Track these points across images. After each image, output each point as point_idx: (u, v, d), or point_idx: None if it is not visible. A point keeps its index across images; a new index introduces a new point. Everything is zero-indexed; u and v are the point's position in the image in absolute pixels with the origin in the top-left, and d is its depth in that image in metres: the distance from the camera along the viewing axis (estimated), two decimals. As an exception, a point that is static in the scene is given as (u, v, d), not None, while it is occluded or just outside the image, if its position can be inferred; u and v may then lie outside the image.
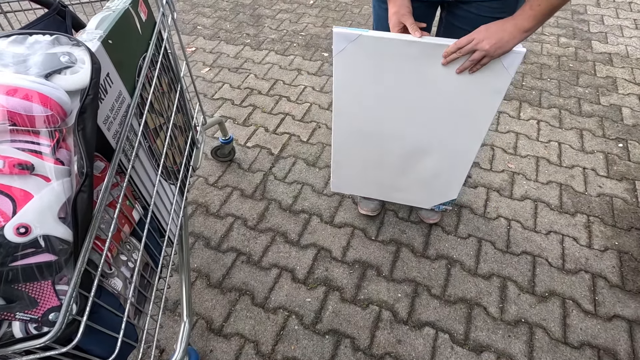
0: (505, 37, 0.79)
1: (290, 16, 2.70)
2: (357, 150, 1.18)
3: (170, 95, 0.95)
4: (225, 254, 1.41)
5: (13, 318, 0.43)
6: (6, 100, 0.43)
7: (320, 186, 1.62)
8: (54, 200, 0.46)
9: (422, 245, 1.41)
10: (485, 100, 0.95)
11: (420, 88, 0.96)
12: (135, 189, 0.71)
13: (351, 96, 1.02)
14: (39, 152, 0.46)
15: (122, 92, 0.68)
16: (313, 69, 2.24)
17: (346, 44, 0.91)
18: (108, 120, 0.62)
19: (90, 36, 0.63)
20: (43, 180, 0.46)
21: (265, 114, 1.96)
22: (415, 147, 1.12)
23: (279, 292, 1.29)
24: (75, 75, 0.50)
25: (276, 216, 1.52)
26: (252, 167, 1.71)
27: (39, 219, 0.44)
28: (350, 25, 2.58)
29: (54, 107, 0.47)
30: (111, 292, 0.58)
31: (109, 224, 0.59)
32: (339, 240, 1.43)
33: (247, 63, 2.30)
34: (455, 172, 1.16)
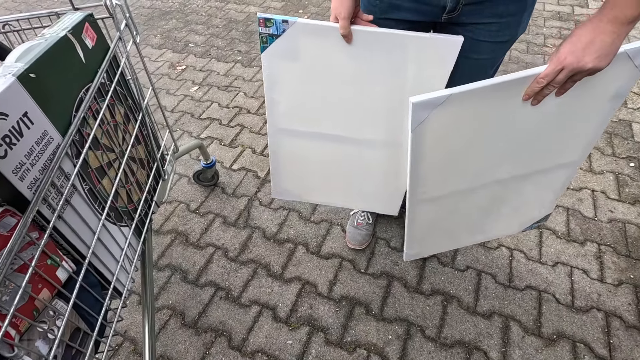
0: (607, 40, 0.60)
1: (283, 32, 2.64)
2: (296, 152, 1.03)
3: (128, 126, 0.86)
4: (202, 288, 1.30)
5: None
6: None
7: (308, 212, 1.52)
8: None
9: (415, 278, 1.29)
10: (598, 108, 0.76)
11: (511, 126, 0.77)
12: (64, 242, 0.61)
13: (286, 94, 0.89)
14: None
15: (49, 131, 0.59)
16: (304, 86, 2.16)
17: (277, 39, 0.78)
18: (22, 168, 0.53)
19: (5, 71, 0.54)
20: None
21: (253, 134, 1.88)
22: (504, 179, 0.91)
23: (258, 333, 1.18)
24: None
25: (259, 246, 1.42)
26: (237, 191, 1.62)
27: None
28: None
29: None
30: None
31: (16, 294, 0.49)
32: (325, 273, 1.32)
33: (237, 81, 2.23)
34: (551, 189, 0.98)
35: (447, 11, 0.82)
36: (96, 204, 0.70)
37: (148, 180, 0.94)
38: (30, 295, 0.52)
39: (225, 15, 2.89)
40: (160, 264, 1.38)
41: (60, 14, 0.88)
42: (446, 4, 0.80)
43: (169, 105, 2.09)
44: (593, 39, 0.61)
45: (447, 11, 0.82)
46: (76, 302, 0.60)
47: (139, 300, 1.29)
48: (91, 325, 0.64)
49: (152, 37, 2.70)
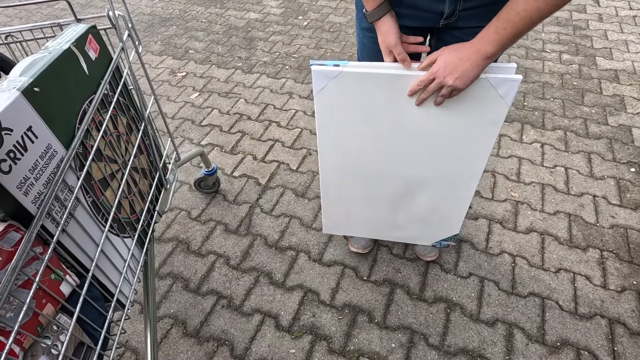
0: (468, 67, 0.72)
1: (283, 38, 2.65)
2: (347, 190, 1.09)
3: (130, 136, 0.86)
4: (204, 297, 1.30)
5: None
6: None
7: (309, 219, 1.51)
8: None
9: (418, 285, 1.29)
10: (481, 132, 0.86)
11: (410, 122, 0.86)
12: (68, 256, 0.61)
13: (336, 135, 0.94)
14: None
15: (53, 144, 0.59)
16: (305, 92, 2.16)
17: (327, 81, 0.82)
18: (26, 183, 0.53)
19: (10, 85, 0.54)
20: None
21: (254, 141, 1.88)
22: (409, 183, 1.02)
23: (260, 342, 1.18)
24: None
25: (261, 254, 1.41)
26: (238, 198, 1.61)
27: None
28: (344, 47, 2.52)
29: None
30: (18, 395, 0.48)
31: (20, 310, 0.49)
32: (327, 281, 1.32)
33: (238, 87, 2.24)
34: (455, 206, 1.06)
35: (444, 17, 0.83)
36: (99, 216, 0.70)
37: (150, 190, 0.94)
38: (35, 311, 0.52)
39: (225, 22, 2.90)
40: (162, 273, 1.38)
41: (63, 25, 0.88)
42: (444, 10, 0.82)
43: (170, 112, 2.09)
44: (458, 63, 0.72)
45: (444, 17, 0.83)
46: (80, 316, 0.60)
47: (140, 310, 1.28)
48: (94, 338, 0.63)
49: (152, 43, 2.70)
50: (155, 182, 0.97)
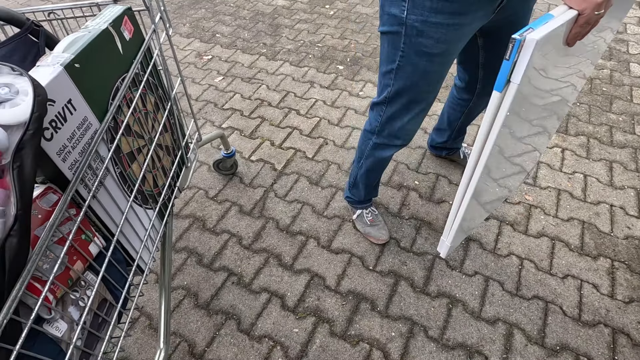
0: None
1: (308, 26, 2.66)
2: (496, 180, 0.90)
3: (157, 115, 0.92)
4: (216, 273, 1.36)
5: None
6: None
7: (321, 207, 1.55)
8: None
9: (422, 279, 1.31)
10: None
11: (571, 74, 0.77)
12: (96, 220, 0.67)
13: (520, 118, 0.73)
14: (-39, 195, 0.42)
15: (89, 117, 0.65)
16: (326, 82, 2.18)
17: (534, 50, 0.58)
18: (64, 151, 0.58)
19: (54, 60, 0.59)
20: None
21: (273, 127, 1.92)
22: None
23: (266, 319, 1.23)
24: (14, 108, 0.47)
25: (272, 236, 1.46)
26: (254, 182, 1.67)
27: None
28: (369, 39, 2.51)
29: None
30: (51, 338, 0.54)
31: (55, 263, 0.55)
32: (334, 268, 1.36)
33: (261, 73, 2.27)
34: None
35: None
36: (125, 187, 0.76)
37: (172, 167, 0.99)
38: (67, 265, 0.57)
39: (252, 7, 2.93)
40: (178, 247, 1.45)
41: (101, 5, 0.93)
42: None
43: (194, 94, 2.15)
44: None
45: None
46: (104, 276, 0.66)
47: (156, 279, 1.36)
48: (116, 297, 0.70)
49: (180, 25, 2.76)
50: (177, 159, 1.02)
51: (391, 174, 1.66)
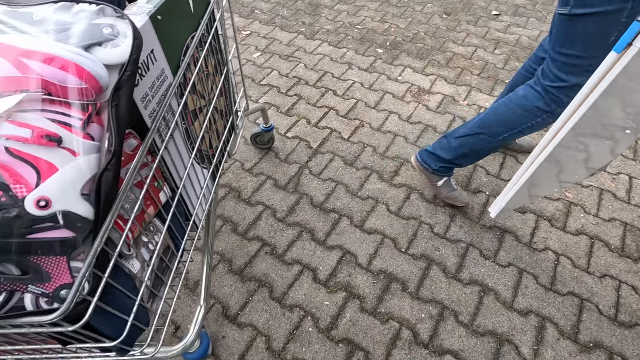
0: None
1: (348, 8, 2.63)
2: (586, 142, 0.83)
3: (215, 77, 0.93)
4: (250, 242, 1.40)
5: (25, 290, 0.42)
6: (42, 69, 0.42)
7: (355, 187, 1.56)
8: (78, 176, 0.45)
9: (455, 266, 1.31)
10: None
11: None
12: (165, 170, 0.69)
13: None
14: (68, 125, 0.44)
15: (165, 70, 0.66)
16: (364, 65, 2.16)
17: None
18: (146, 98, 0.60)
19: (139, 10, 0.61)
20: (70, 154, 0.44)
21: (310, 106, 1.92)
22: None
23: (297, 290, 1.26)
24: (115, 49, 0.49)
25: (306, 211, 1.48)
26: (289, 158, 1.68)
27: (60, 194, 0.43)
28: (410, 24, 2.46)
29: (89, 81, 0.45)
30: (127, 273, 0.57)
31: (134, 204, 0.57)
32: (366, 247, 1.37)
33: (299, 52, 2.26)
34: None
35: None
36: (189, 143, 0.78)
37: (224, 131, 1.01)
38: (142, 208, 0.60)
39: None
40: (214, 214, 1.49)
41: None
42: None
43: (231, 68, 2.17)
44: None
45: None
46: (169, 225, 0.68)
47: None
48: (177, 246, 0.73)
49: (220, 0, 2.77)
50: (229, 124, 1.04)
51: (427, 161, 1.64)
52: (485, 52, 2.22)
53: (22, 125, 0.41)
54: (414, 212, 1.47)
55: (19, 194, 0.41)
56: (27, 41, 0.42)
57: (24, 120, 0.41)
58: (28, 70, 0.41)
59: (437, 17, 2.53)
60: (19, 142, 0.41)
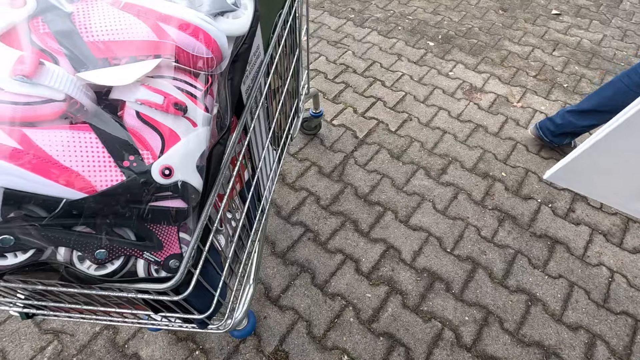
0: None
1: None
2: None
3: (290, 58, 0.91)
4: (293, 226, 1.40)
5: (141, 256, 0.43)
6: (177, 35, 0.41)
7: (401, 182, 1.53)
8: (196, 147, 0.44)
9: (502, 272, 1.28)
10: None
11: None
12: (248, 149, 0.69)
13: None
14: (193, 96, 0.44)
15: (260, 47, 0.65)
16: (414, 57, 2.10)
17: None
18: (244, 75, 0.59)
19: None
20: (191, 124, 0.44)
21: (357, 95, 1.89)
22: None
23: (340, 279, 1.26)
24: (236, 20, 0.47)
25: (350, 202, 1.47)
26: (334, 146, 1.66)
27: (182, 164, 0.43)
28: (463, 18, 2.37)
29: (215, 51, 0.44)
30: (216, 249, 0.57)
31: (227, 180, 0.57)
32: (410, 243, 1.35)
33: (347, 39, 2.22)
34: None
35: None
36: (267, 123, 0.77)
37: (292, 113, 1.00)
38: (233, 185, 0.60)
39: (342, -31, 2.83)
40: (259, 195, 1.49)
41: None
42: None
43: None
44: None
45: None
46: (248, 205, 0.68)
47: (237, 222, 1.42)
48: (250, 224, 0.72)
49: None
50: (295, 106, 1.03)
51: (477, 161, 1.60)
52: (543, 53, 2.12)
53: (156, 91, 0.40)
54: (461, 212, 1.43)
55: (146, 160, 0.41)
56: (165, 5, 0.41)
57: (157, 86, 0.41)
58: (164, 35, 0.40)
59: (492, 12, 2.42)
60: (150, 107, 0.40)
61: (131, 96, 0.39)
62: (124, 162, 0.39)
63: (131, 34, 0.39)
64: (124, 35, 0.38)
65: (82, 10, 0.38)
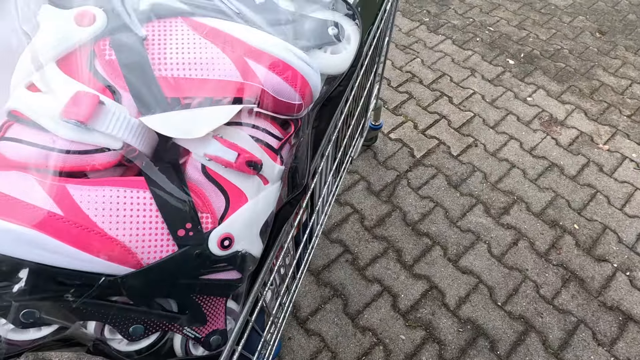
0: None
1: (483, 4, 2.32)
2: None
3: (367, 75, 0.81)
4: (332, 244, 1.31)
5: (180, 332, 0.35)
6: (266, 76, 0.32)
7: (456, 215, 1.39)
8: (264, 209, 0.36)
9: (559, 341, 1.12)
10: None
11: None
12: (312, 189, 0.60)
13: None
14: (271, 148, 0.35)
15: (346, 72, 0.55)
16: (490, 75, 1.91)
17: None
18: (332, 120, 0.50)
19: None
20: (262, 181, 0.35)
21: (419, 109, 1.75)
22: None
23: (374, 312, 1.17)
24: (335, 56, 0.38)
25: (396, 227, 1.36)
26: (388, 162, 1.54)
27: (244, 232, 0.34)
28: (552, 37, 2.12)
29: (307, 96, 0.35)
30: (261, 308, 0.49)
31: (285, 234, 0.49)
32: (457, 287, 1.22)
33: (418, 44, 2.06)
34: None
35: None
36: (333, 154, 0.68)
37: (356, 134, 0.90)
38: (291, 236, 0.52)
39: (423, -34, 2.63)
40: (301, 203, 1.42)
41: None
42: None
43: (344, 48, 2.03)
44: None
45: None
46: (301, 246, 0.60)
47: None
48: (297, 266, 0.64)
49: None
50: (360, 125, 0.93)
51: (546, 206, 1.42)
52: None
53: (230, 146, 0.32)
54: (520, 262, 1.28)
55: (205, 225, 0.33)
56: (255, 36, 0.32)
57: (232, 139, 0.32)
58: (251, 75, 0.32)
59: (587, 34, 2.15)
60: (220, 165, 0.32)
61: (200, 149, 0.31)
62: (179, 230, 0.31)
63: (212, 71, 0.30)
64: (204, 72, 0.30)
65: (158, 35, 0.30)
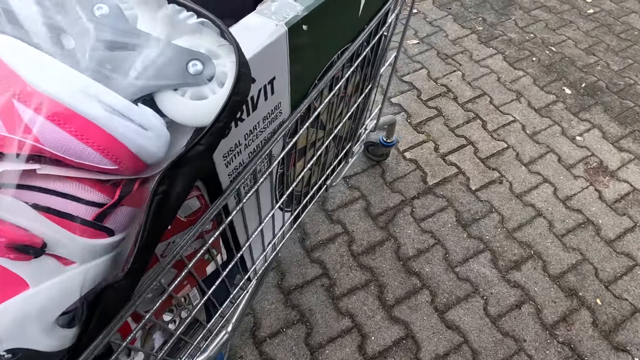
0: None
1: (550, 18, 2.03)
2: None
3: (352, 98, 0.68)
4: (312, 263, 1.21)
5: None
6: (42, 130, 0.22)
7: (456, 259, 1.23)
8: (58, 298, 0.26)
9: None
10: None
11: None
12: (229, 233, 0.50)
13: None
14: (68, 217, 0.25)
15: (282, 105, 0.44)
16: (538, 103, 1.66)
17: None
18: (233, 152, 0.39)
19: (280, 11, 0.38)
20: (59, 263, 0.26)
21: (446, 129, 1.56)
22: None
23: (336, 350, 1.06)
24: (198, 102, 0.27)
25: (386, 259, 1.23)
26: (395, 184, 1.40)
27: (14, 328, 0.25)
28: (627, 68, 1.80)
29: (125, 159, 0.25)
30: None
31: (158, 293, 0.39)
32: (436, 342, 1.08)
33: (462, 55, 1.84)
34: None
35: None
36: (278, 191, 0.57)
37: (335, 161, 0.78)
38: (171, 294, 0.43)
39: (491, -33, 2.35)
40: (289, 212, 1.33)
41: None
42: None
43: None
44: None
45: None
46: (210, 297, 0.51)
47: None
48: (209, 316, 0.55)
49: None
50: (343, 152, 0.81)
51: (567, 269, 1.22)
52: None
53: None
54: (519, 330, 1.11)
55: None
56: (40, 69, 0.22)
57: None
58: (19, 128, 0.22)
59: (672, 71, 1.81)
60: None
61: None
62: None
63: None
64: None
65: None
